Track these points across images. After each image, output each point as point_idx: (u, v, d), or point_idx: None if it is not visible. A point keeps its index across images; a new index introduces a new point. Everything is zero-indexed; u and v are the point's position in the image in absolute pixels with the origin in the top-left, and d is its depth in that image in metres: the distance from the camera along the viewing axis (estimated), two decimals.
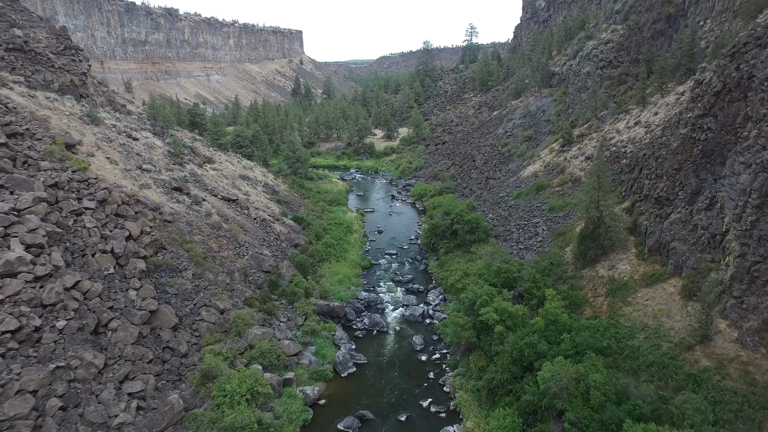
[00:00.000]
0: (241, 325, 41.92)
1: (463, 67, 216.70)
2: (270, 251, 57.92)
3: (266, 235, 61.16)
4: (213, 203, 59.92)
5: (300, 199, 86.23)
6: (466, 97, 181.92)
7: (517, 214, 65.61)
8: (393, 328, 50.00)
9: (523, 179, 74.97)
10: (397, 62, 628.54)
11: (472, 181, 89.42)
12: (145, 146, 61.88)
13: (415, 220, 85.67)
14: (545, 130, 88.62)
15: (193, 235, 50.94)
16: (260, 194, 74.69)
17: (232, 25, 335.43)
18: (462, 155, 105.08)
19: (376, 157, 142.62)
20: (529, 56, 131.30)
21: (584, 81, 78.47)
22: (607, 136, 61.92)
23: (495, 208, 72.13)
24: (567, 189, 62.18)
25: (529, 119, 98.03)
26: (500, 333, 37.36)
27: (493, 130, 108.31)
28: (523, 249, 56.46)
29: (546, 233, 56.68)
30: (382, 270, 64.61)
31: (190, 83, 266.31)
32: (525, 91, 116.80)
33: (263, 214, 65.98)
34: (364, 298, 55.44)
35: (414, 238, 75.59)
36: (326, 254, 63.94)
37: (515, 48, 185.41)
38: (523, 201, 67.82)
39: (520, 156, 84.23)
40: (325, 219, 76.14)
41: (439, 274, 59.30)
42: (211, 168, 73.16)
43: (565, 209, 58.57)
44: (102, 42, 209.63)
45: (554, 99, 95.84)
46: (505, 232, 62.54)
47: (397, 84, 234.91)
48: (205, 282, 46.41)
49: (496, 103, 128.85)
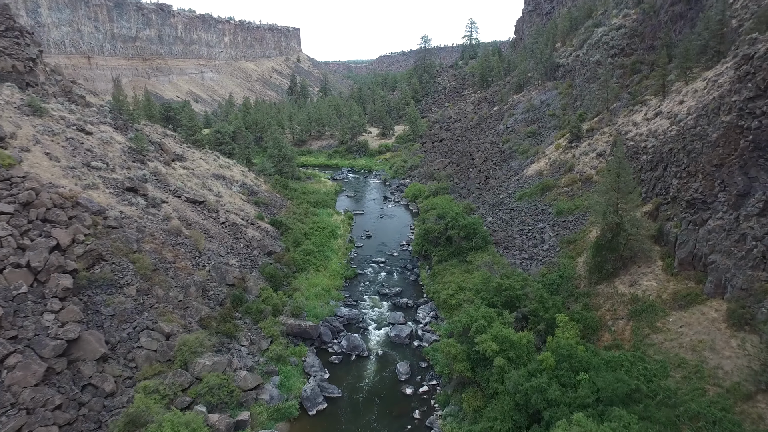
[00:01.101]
0: (188, 353, 34.72)
1: (463, 63, 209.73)
2: (238, 260, 50.76)
3: (235, 242, 54.00)
4: (175, 206, 52.79)
5: (282, 200, 79.10)
6: (465, 94, 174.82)
7: (519, 217, 58.41)
8: (375, 353, 42.80)
9: (526, 179, 67.78)
10: (397, 61, 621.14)
11: (471, 181, 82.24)
12: (99, 141, 54.75)
13: (408, 223, 78.54)
14: (550, 125, 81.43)
15: (144, 243, 43.79)
16: (235, 195, 67.54)
17: (227, 21, 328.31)
18: (460, 153, 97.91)
19: (370, 155, 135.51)
20: (531, 49, 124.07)
21: (593, 71, 71.25)
22: (622, 129, 54.72)
23: (495, 210, 64.93)
24: (576, 189, 54.97)
25: (532, 114, 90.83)
26: (500, 367, 30.18)
27: (493, 126, 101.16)
28: (527, 259, 49.24)
29: (553, 240, 49.47)
30: (368, 281, 57.42)
31: (182, 81, 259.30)
32: (527, 85, 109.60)
33: (235, 218, 58.82)
34: (344, 315, 48.23)
35: (405, 243, 68.40)
36: (304, 263, 56.74)
37: (517, 42, 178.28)
38: (527, 203, 60.62)
39: (523, 153, 77.07)
40: (307, 223, 68.96)
41: (431, 287, 52.11)
42: (180, 166, 66.03)
43: (574, 213, 51.34)
44: (89, 37, 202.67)
45: (559, 92, 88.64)
46: (507, 238, 55.34)
47: (395, 81, 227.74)
48: (152, 299, 39.28)
49: (497, 98, 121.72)
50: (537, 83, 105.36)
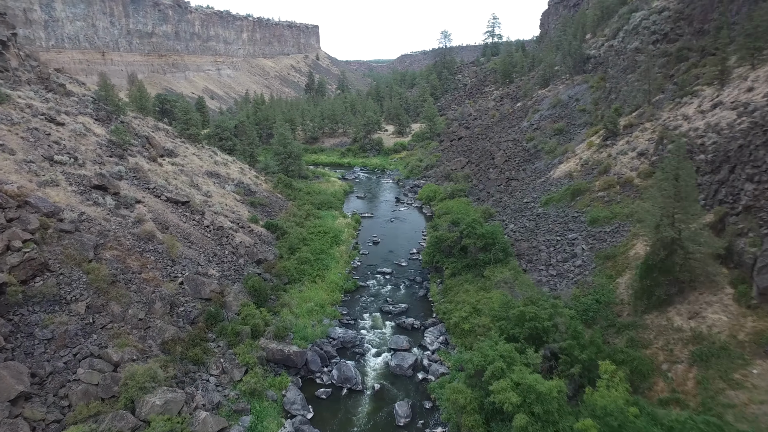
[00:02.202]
0: (135, 389, 28.22)
1: (485, 60, 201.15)
2: (219, 270, 44.33)
3: (219, 249, 47.61)
4: (152, 206, 46.65)
5: (284, 201, 72.70)
6: (486, 91, 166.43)
7: (546, 225, 50.70)
8: (371, 386, 35.79)
9: (553, 181, 59.91)
10: (419, 60, 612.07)
11: (490, 183, 74.56)
12: (71, 133, 49.02)
13: (421, 228, 71.28)
14: (580, 121, 73.24)
15: (105, 249, 37.64)
16: (228, 195, 61.28)
17: (245, 18, 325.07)
18: (479, 152, 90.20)
19: (385, 154, 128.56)
20: (558, 42, 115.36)
21: (631, 60, 62.92)
22: (669, 124, 46.61)
23: (517, 216, 57.27)
24: (614, 194, 47.01)
25: (559, 109, 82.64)
26: (523, 429, 22.90)
27: (516, 124, 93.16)
28: (555, 276, 41.58)
29: (587, 255, 41.69)
30: (370, 295, 50.43)
31: (199, 77, 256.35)
32: (554, 79, 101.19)
33: (223, 221, 52.49)
34: (338, 337, 41.32)
35: (416, 252, 61.19)
36: (298, 273, 50.06)
37: (542, 36, 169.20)
38: (554, 209, 52.83)
39: (550, 152, 69.12)
40: (307, 227, 62.30)
41: (442, 306, 44.81)
42: (168, 162, 60.11)
43: (612, 222, 43.46)
44: (104, 32, 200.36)
45: (590, 85, 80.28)
46: (531, 250, 47.70)
47: (414, 78, 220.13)
48: (106, 318, 33.05)
49: (520, 94, 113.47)
50: (564, 77, 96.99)
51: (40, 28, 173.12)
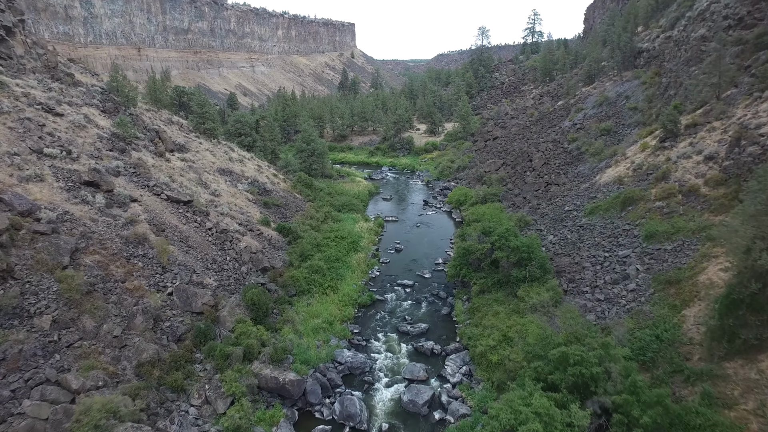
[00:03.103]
0: (89, 427, 23.61)
1: (524, 57, 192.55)
2: (217, 279, 39.73)
3: (220, 254, 43.05)
4: (149, 205, 42.53)
5: (302, 201, 68.01)
6: (525, 89, 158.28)
7: (591, 238, 43.87)
8: (378, 426, 30.24)
9: (599, 187, 52.78)
10: (456, 60, 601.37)
11: (527, 187, 67.71)
12: (69, 124, 45.51)
13: (449, 235, 65.24)
14: (630, 120, 65.46)
15: (86, 254, 33.50)
16: (239, 195, 56.94)
17: (281, 15, 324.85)
18: (515, 153, 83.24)
19: (415, 153, 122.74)
20: (605, 36, 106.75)
21: (696, 50, 54.92)
22: (748, 123, 39.08)
23: (557, 226, 50.55)
24: (675, 205, 39.78)
25: (606, 108, 74.86)
26: None
27: (557, 123, 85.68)
28: (602, 301, 34.94)
29: (643, 277, 34.85)
30: (387, 311, 44.88)
31: (233, 74, 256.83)
32: (600, 76, 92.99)
33: (229, 223, 48.01)
34: (346, 361, 35.96)
35: (441, 262, 55.26)
36: (308, 284, 45.00)
37: (586, 32, 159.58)
38: (601, 219, 45.88)
39: (595, 155, 61.78)
40: (324, 230, 57.28)
41: (467, 329, 38.77)
42: (178, 158, 56.28)
43: (674, 238, 36.38)
44: (141, 29, 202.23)
45: (642, 81, 72.21)
46: (573, 267, 41.06)
47: (449, 76, 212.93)
48: (74, 334, 28.78)
49: (562, 92, 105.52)
50: (612, 73, 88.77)
51: (79, 25, 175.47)
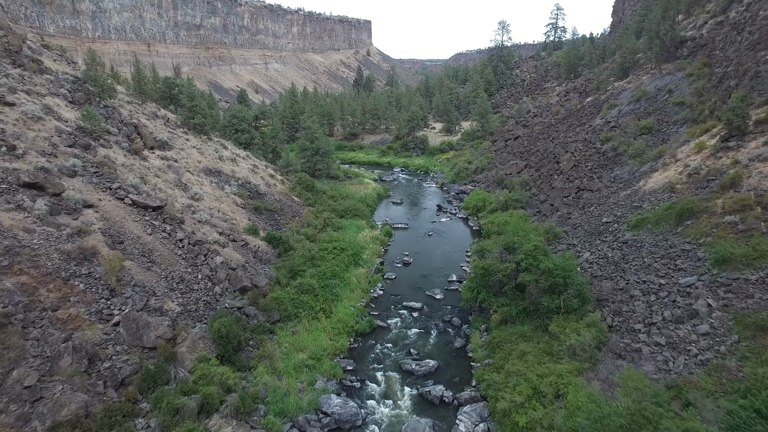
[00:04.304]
0: None
1: (546, 54, 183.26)
2: (181, 303, 32.75)
3: (190, 271, 36.09)
4: (108, 212, 35.76)
5: (300, 206, 60.94)
6: (547, 87, 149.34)
7: (638, 258, 35.80)
8: None
9: (645, 195, 44.57)
10: (473, 59, 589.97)
11: (555, 193, 59.65)
12: (21, 116, 39.01)
13: (465, 246, 57.56)
14: (677, 117, 56.91)
15: (7, 275, 26.73)
16: (226, 198, 50.05)
17: (296, 12, 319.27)
18: (540, 154, 75.08)
19: (430, 153, 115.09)
20: (639, 26, 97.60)
21: (765, 32, 46.35)
22: None
23: (594, 242, 42.52)
24: (753, 220, 31.53)
25: (645, 104, 66.28)
26: None
27: (586, 121, 77.23)
28: (663, 347, 26.96)
29: (719, 317, 26.76)
30: (390, 341, 37.46)
31: (245, 71, 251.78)
32: (635, 69, 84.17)
33: (207, 232, 41.07)
34: (333, 411, 28.61)
35: (456, 280, 47.61)
36: (295, 307, 37.78)
37: (615, 26, 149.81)
38: (650, 235, 37.74)
39: (635, 156, 53.45)
40: (321, 240, 50.09)
41: (486, 373, 31.05)
42: (157, 156, 49.64)
43: (759, 265, 28.15)
44: (151, 24, 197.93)
45: (688, 73, 63.47)
46: (618, 294, 33.12)
47: (467, 73, 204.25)
48: None
49: (591, 87, 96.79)
50: (649, 66, 79.96)
51: (87, 19, 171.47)
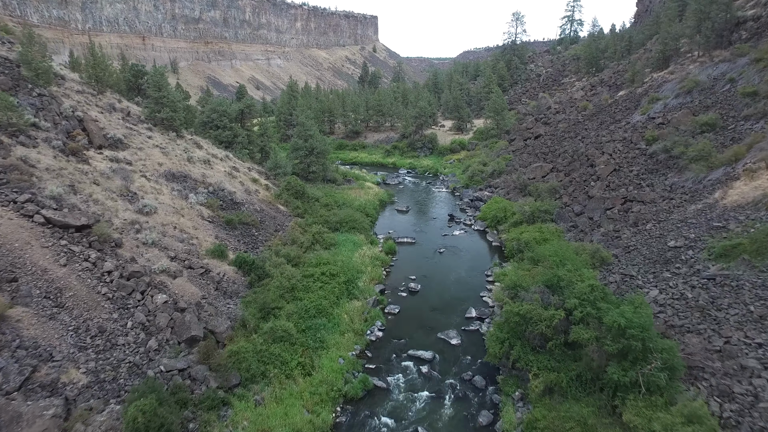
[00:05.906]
0: None
1: (562, 48, 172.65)
2: (91, 368, 22.86)
3: (116, 317, 26.19)
4: (3, 235, 25.98)
5: (286, 216, 51.08)
6: (566, 82, 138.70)
7: (738, 303, 25.56)
8: None
9: (727, 210, 34.26)
10: (482, 57, 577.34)
11: (593, 203, 49.35)
12: None
13: (485, 267, 47.21)
14: (749, 111, 46.37)
15: None
16: (189, 210, 40.19)
17: (300, 7, 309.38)
18: (568, 156, 64.73)
19: (439, 153, 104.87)
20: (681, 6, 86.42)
21: None
22: None
23: (660, 272, 32.23)
24: None
25: (700, 96, 55.76)
26: None
27: (622, 117, 66.78)
28: None
29: None
30: (389, 411, 27.38)
31: (246, 66, 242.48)
32: (677, 58, 73.50)
33: (154, 258, 31.22)
34: None
35: (476, 317, 37.38)
36: (263, 364, 27.84)
37: (640, 15, 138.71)
38: (749, 269, 27.47)
39: (699, 159, 43.06)
40: (307, 263, 40.10)
41: None
42: (105, 157, 39.90)
43: None
44: (146, 16, 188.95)
45: (755, 58, 52.92)
46: (714, 359, 22.89)
47: (477, 69, 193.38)
48: None
49: (622, 80, 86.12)
50: (695, 53, 69.34)
51: (76, 9, 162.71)
